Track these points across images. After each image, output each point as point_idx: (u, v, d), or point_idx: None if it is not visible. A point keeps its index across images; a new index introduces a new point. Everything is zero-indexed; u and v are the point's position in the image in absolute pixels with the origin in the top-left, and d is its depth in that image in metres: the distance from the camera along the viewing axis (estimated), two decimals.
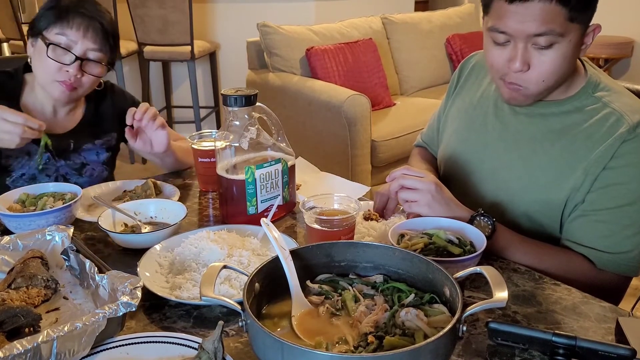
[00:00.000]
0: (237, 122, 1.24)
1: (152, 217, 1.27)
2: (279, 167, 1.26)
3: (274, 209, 1.24)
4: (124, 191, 1.45)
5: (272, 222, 0.95)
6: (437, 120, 1.51)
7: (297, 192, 1.38)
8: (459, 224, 1.08)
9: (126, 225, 1.25)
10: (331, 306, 0.85)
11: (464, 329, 0.73)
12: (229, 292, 0.97)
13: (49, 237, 1.07)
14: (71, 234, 1.05)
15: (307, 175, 1.53)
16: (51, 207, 1.20)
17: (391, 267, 0.91)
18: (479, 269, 0.82)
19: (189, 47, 3.88)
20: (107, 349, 0.82)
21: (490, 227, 1.10)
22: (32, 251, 1.03)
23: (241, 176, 1.22)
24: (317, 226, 1.08)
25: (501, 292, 0.75)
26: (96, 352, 0.82)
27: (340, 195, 1.15)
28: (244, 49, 3.55)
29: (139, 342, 0.84)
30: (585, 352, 0.79)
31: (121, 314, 0.81)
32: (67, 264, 1.04)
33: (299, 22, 3.57)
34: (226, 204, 1.28)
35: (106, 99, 1.63)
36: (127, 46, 3.96)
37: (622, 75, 4.91)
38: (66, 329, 0.76)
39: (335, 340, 0.78)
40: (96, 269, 0.95)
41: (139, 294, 0.85)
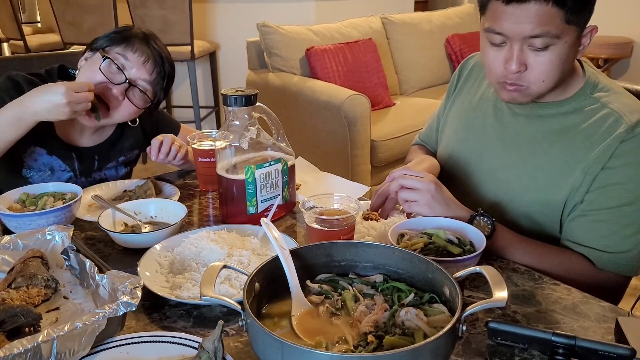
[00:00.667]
0: (237, 122, 1.24)
1: (152, 217, 1.28)
2: (279, 167, 1.27)
3: (274, 209, 1.24)
4: (124, 191, 1.45)
5: (272, 221, 0.95)
6: (437, 120, 1.52)
7: (297, 192, 1.38)
8: (458, 224, 1.08)
9: (126, 225, 1.25)
10: (331, 306, 0.85)
11: (464, 328, 0.73)
12: (229, 291, 0.97)
13: (49, 237, 1.07)
14: (71, 234, 1.05)
15: (307, 175, 1.53)
16: (51, 207, 1.20)
17: (391, 267, 0.91)
18: (478, 269, 0.82)
19: (189, 47, 3.88)
20: (107, 349, 0.82)
21: (489, 227, 1.10)
22: (32, 251, 1.03)
23: (241, 176, 1.22)
24: (317, 226, 1.08)
25: (501, 291, 0.76)
26: (96, 352, 0.82)
27: (340, 195, 1.15)
28: (244, 49, 3.55)
29: (139, 342, 0.84)
30: (584, 352, 0.79)
31: (121, 313, 0.81)
32: (67, 263, 1.04)
33: (299, 22, 3.56)
34: (226, 203, 1.28)
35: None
36: None
37: (622, 75, 4.91)
38: (66, 328, 0.76)
39: (335, 339, 0.78)
40: (96, 268, 0.95)
41: (139, 293, 0.85)
